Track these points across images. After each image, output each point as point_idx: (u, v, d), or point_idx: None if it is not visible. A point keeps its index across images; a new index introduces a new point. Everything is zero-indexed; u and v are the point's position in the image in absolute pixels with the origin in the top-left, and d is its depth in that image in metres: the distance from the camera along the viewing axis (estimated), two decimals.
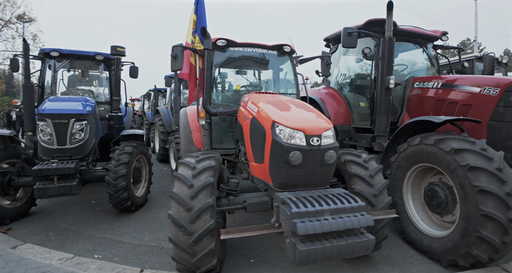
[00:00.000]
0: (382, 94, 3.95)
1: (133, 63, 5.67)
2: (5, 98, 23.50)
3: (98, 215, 4.40)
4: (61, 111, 3.81)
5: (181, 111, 4.95)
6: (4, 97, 23.19)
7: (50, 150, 3.77)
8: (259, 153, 2.89)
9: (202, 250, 2.47)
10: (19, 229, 3.87)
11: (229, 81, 4.68)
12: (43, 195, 3.42)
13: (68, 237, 3.64)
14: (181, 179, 2.62)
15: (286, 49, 4.21)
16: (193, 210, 2.46)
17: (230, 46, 4.08)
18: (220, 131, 4.15)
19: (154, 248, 3.40)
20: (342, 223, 2.22)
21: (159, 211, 4.58)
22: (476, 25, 16.74)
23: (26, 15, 19.97)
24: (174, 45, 3.67)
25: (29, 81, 4.66)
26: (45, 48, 5.21)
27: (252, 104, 3.18)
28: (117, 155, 4.21)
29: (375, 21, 4.36)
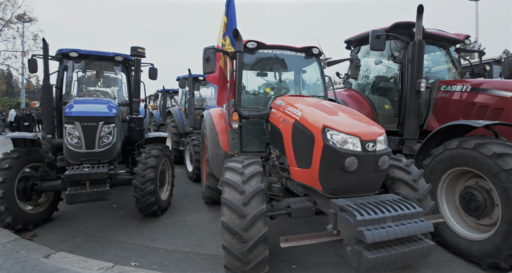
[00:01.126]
0: (412, 98, 3.89)
1: (152, 65, 5.49)
2: (5, 98, 22.84)
3: (123, 220, 4.24)
4: (90, 114, 3.63)
5: (205, 113, 4.81)
6: (4, 98, 22.54)
7: (78, 154, 3.59)
8: (304, 157, 2.79)
9: (256, 258, 2.38)
10: (44, 235, 3.69)
11: (257, 83, 4.54)
12: (75, 201, 3.25)
13: (98, 244, 3.48)
14: (232, 185, 2.52)
15: (314, 51, 4.11)
16: (247, 217, 2.37)
17: (259, 48, 3.96)
18: (248, 134, 4.02)
19: (190, 254, 3.27)
20: (405, 229, 2.16)
21: (185, 215, 4.43)
22: (476, 26, 16.92)
23: (26, 15, 19.42)
24: (206, 48, 3.54)
25: (48, 83, 4.47)
26: (63, 49, 4.99)
27: (292, 107, 3.08)
28: (144, 158, 4.06)
29: (401, 24, 4.29)
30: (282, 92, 4.30)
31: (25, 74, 19.81)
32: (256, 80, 4.67)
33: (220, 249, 3.35)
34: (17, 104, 21.25)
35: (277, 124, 3.32)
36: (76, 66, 5.23)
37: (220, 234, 3.77)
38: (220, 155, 4.28)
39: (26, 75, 20.03)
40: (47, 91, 4.47)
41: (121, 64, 5.46)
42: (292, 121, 2.98)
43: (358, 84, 5.23)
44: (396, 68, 5.00)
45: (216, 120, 4.54)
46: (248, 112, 3.64)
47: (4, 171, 3.51)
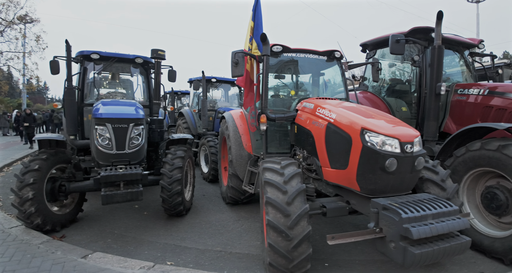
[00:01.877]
0: (432, 100, 3.97)
1: (171, 67, 5.49)
2: (7, 99, 22.48)
3: (149, 220, 4.23)
4: (121, 116, 3.63)
5: (226, 115, 4.83)
6: (6, 99, 22.17)
7: (108, 155, 3.58)
8: (339, 158, 2.85)
9: (300, 255, 2.43)
10: (72, 236, 3.67)
11: (278, 86, 4.58)
12: (110, 201, 3.24)
13: (129, 244, 3.47)
14: (274, 185, 2.57)
15: (336, 55, 4.18)
16: (291, 216, 2.43)
17: (284, 52, 4.01)
18: (271, 136, 4.06)
19: (222, 253, 3.28)
20: (446, 226, 2.27)
21: (208, 215, 4.44)
22: (477, 28, 17.20)
23: (28, 16, 19.15)
24: (235, 51, 3.57)
25: (71, 84, 4.45)
26: (84, 51, 4.96)
27: (324, 110, 3.13)
28: (171, 159, 4.06)
29: (419, 29, 4.38)
30: (304, 94, 4.35)
31: (26, 75, 19.53)
32: (273, 83, 4.70)
33: (251, 248, 3.40)
34: (19, 105, 20.95)
35: (306, 126, 3.36)
36: (96, 68, 5.20)
37: (247, 233, 3.79)
38: (244, 156, 4.31)
39: (28, 76, 19.76)
40: (70, 93, 4.44)
41: (141, 66, 5.45)
42: (325, 124, 3.03)
43: (373, 87, 5.31)
44: (409, 71, 5.10)
45: (238, 122, 4.57)
46: (275, 114, 3.68)
47: (34, 172, 3.49)
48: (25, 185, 3.40)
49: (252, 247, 3.42)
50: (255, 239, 3.62)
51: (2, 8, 17.33)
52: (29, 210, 3.40)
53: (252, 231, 3.85)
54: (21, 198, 3.38)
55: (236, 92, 8.63)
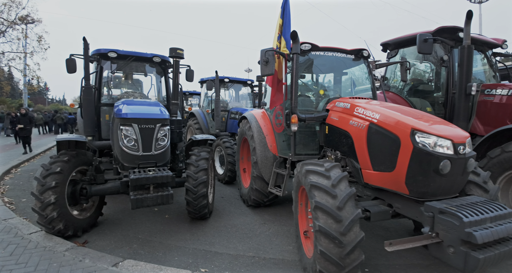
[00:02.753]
0: (461, 101, 3.83)
1: (189, 66, 5.29)
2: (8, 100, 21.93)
3: (172, 224, 4.02)
4: (148, 116, 3.42)
5: (248, 116, 4.64)
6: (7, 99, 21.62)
7: (135, 157, 3.37)
8: (384, 160, 2.69)
9: (353, 262, 2.28)
10: (95, 241, 3.44)
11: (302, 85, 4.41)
12: (140, 205, 3.03)
13: (157, 249, 3.26)
14: (322, 189, 2.39)
15: (364, 54, 4.03)
16: (343, 221, 2.27)
17: (312, 50, 3.84)
18: (300, 137, 3.88)
19: (256, 258, 3.10)
20: (505, 229, 2.20)
21: (232, 218, 4.24)
22: (480, 28, 17.22)
23: (29, 17, 18.71)
24: (265, 50, 3.39)
25: (89, 83, 4.22)
26: (101, 49, 4.74)
27: (365, 109, 2.97)
28: (195, 161, 3.86)
29: (446, 29, 4.25)
30: (332, 94, 4.19)
31: (28, 76, 19.07)
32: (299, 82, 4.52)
33: (285, 253, 3.22)
34: (20, 106, 20.45)
35: (342, 126, 3.20)
36: (109, 66, 4.98)
37: (276, 238, 3.61)
38: (269, 157, 4.13)
39: (29, 77, 19.29)
40: (88, 92, 4.22)
41: (158, 65, 5.24)
42: (367, 124, 2.87)
43: (395, 87, 5.17)
44: (429, 71, 4.97)
45: (261, 122, 4.39)
46: (305, 115, 3.51)
47: (56, 175, 3.26)
48: (47, 189, 3.17)
49: (285, 252, 3.24)
50: (286, 244, 3.44)
51: (4, 8, 16.89)
52: (51, 214, 3.17)
53: (281, 235, 3.67)
54: (43, 202, 3.15)
55: (248, 92, 8.45)
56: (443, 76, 4.48)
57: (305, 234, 2.98)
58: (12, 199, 5.02)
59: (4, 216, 3.92)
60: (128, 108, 3.50)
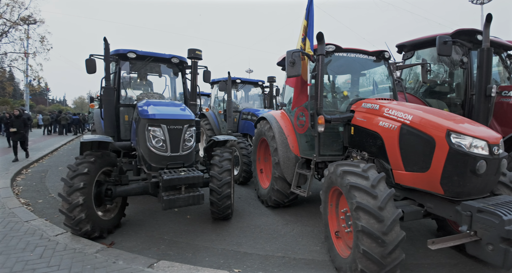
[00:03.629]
0: (481, 102, 3.84)
1: (206, 67, 5.25)
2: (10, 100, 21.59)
3: (195, 224, 3.96)
4: (176, 117, 3.37)
5: (268, 116, 4.60)
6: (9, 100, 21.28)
7: (163, 157, 3.32)
8: (417, 161, 2.69)
9: (394, 261, 2.28)
10: (121, 242, 3.38)
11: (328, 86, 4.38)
12: (172, 206, 2.98)
13: (185, 250, 3.21)
14: (363, 189, 2.38)
15: (386, 56, 4.03)
16: (385, 221, 2.26)
17: (336, 51, 3.82)
18: (323, 138, 3.85)
19: (286, 259, 3.06)
20: None
21: (253, 219, 4.20)
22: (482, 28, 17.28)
23: (31, 17, 18.47)
24: (292, 51, 3.37)
25: (109, 83, 4.17)
26: (120, 49, 4.68)
27: (396, 111, 2.96)
28: (219, 161, 3.82)
29: (464, 31, 4.27)
30: (355, 95, 4.17)
31: (31, 76, 18.80)
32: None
33: (314, 254, 3.19)
34: (22, 106, 20.16)
35: (371, 127, 3.18)
36: (125, 67, 4.92)
37: (302, 238, 3.58)
38: (291, 158, 4.10)
39: (32, 77, 19.02)
40: (108, 92, 4.16)
41: (175, 66, 5.19)
42: (399, 125, 2.86)
43: (410, 88, 5.18)
44: (442, 73, 4.99)
45: (282, 123, 4.36)
46: (330, 116, 3.49)
47: (83, 176, 3.20)
48: (75, 190, 3.10)
49: (314, 253, 3.21)
50: (313, 244, 3.41)
51: (7, 8, 16.65)
52: (78, 216, 3.10)
53: (306, 236, 3.64)
54: (71, 203, 3.08)
55: (258, 93, 8.41)
56: (460, 77, 4.49)
57: (337, 234, 2.96)
58: (28, 200, 4.92)
59: (25, 218, 3.84)
60: (155, 109, 3.45)
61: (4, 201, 4.51)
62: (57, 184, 6.00)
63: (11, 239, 3.18)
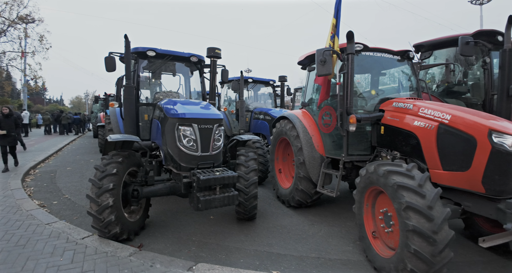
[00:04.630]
0: (503, 102, 3.81)
1: (224, 66, 5.15)
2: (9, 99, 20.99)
3: (220, 225, 3.86)
4: (207, 116, 3.26)
5: (289, 115, 4.52)
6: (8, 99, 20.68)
7: (193, 157, 3.20)
8: (457, 160, 2.66)
9: (443, 260, 2.25)
10: (149, 244, 3.26)
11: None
12: (208, 206, 2.87)
13: (217, 252, 3.11)
14: (411, 189, 2.33)
15: (410, 55, 4.00)
16: (435, 220, 2.23)
17: (364, 50, 3.77)
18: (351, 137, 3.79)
19: (321, 259, 2.99)
20: None
21: (277, 219, 4.12)
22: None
23: (29, 16, 17.99)
24: (323, 49, 3.31)
25: (130, 82, 4.03)
26: (139, 47, 4.53)
27: (432, 110, 2.93)
28: (245, 161, 3.72)
29: (484, 32, 4.26)
30: (381, 94, 4.12)
31: (29, 75, 18.32)
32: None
33: (347, 254, 3.13)
34: (19, 106, 19.63)
35: (405, 127, 3.14)
36: (143, 65, 4.78)
37: (332, 238, 3.51)
38: (317, 157, 4.03)
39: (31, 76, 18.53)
40: (129, 91, 4.02)
41: (194, 65, 5.06)
42: (436, 125, 2.82)
43: (428, 88, 5.16)
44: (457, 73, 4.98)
45: (305, 122, 4.28)
46: (360, 115, 3.43)
47: (112, 177, 3.06)
48: (104, 191, 2.97)
49: (347, 253, 3.15)
50: (344, 244, 3.35)
51: (6, 7, 16.17)
52: (108, 218, 2.97)
53: (335, 236, 3.57)
54: (100, 205, 2.95)
55: (268, 93, 8.32)
56: (478, 77, 4.49)
57: (374, 234, 2.90)
58: (42, 201, 4.73)
59: (46, 220, 3.67)
60: (184, 108, 3.33)
61: (20, 203, 4.33)
62: (69, 185, 5.82)
63: (36, 243, 3.03)
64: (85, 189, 5.54)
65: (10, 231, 3.31)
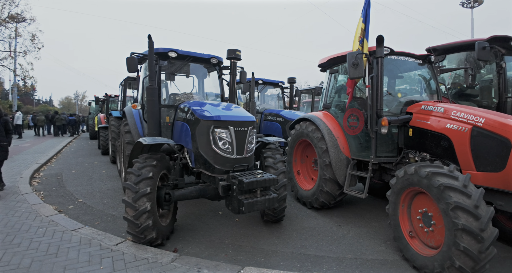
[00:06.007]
0: None
1: (242, 68, 5.10)
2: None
3: (248, 227, 3.82)
4: (242, 119, 3.22)
5: (313, 117, 4.53)
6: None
7: (229, 160, 3.15)
8: (491, 161, 2.77)
9: (487, 256, 2.35)
10: (183, 249, 3.20)
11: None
12: (251, 210, 2.83)
13: (255, 255, 3.08)
14: (458, 189, 2.43)
15: (432, 59, 4.10)
16: (482, 218, 2.31)
17: (390, 54, 3.84)
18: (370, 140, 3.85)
19: (360, 260, 3.02)
20: None
21: (303, 221, 4.12)
22: (472, 32, 18.21)
23: (20, 15, 17.26)
24: (356, 53, 3.34)
25: (154, 83, 3.94)
26: (159, 48, 4.42)
27: (465, 113, 3.01)
28: (273, 163, 3.71)
29: (498, 38, 4.42)
30: (406, 96, 4.20)
31: (20, 75, 17.56)
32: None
33: (383, 254, 3.17)
34: (10, 107, 18.77)
35: (437, 129, 3.22)
36: (169, 67, 4.68)
37: (363, 239, 3.55)
38: (343, 159, 4.06)
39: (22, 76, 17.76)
40: (153, 93, 3.93)
41: (213, 66, 5.00)
42: (470, 127, 2.91)
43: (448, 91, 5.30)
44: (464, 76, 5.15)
45: (329, 124, 4.31)
46: (390, 117, 3.49)
47: (149, 180, 2.98)
48: (141, 196, 2.89)
49: (382, 253, 3.19)
50: (376, 245, 3.39)
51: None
52: (145, 223, 2.89)
53: (365, 237, 3.60)
54: (137, 210, 2.86)
55: (276, 94, 8.32)
56: (489, 81, 4.65)
57: (411, 234, 2.95)
58: (57, 206, 4.54)
59: (70, 226, 3.53)
60: (218, 111, 3.28)
61: (37, 208, 4.14)
62: (80, 188, 5.62)
63: (68, 251, 2.90)
64: (97, 193, 5.37)
65: (35, 239, 3.15)
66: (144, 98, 4.54)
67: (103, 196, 5.18)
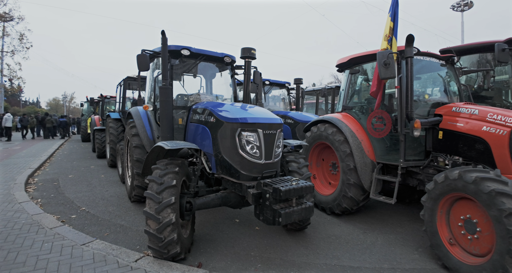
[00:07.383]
0: None
1: (256, 68, 4.87)
2: None
3: (270, 237, 3.58)
4: (270, 121, 2.98)
5: (333, 120, 4.34)
6: None
7: (256, 165, 2.91)
8: None
9: None
10: (207, 263, 2.94)
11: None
12: (289, 220, 2.59)
13: (286, 267, 2.85)
14: (511, 195, 2.25)
15: (455, 60, 4.01)
16: None
17: (416, 54, 3.71)
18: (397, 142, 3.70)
19: (398, 270, 2.84)
20: None
21: (326, 228, 3.92)
22: (462, 35, 18.63)
23: (7, 14, 16.38)
24: (387, 52, 3.18)
25: (167, 83, 3.66)
26: (171, 45, 4.14)
27: (503, 116, 2.90)
28: (298, 168, 3.49)
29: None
30: (428, 98, 4.08)
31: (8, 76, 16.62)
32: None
33: (419, 262, 3.01)
34: None
35: (472, 132, 3.09)
36: (181, 66, 4.40)
37: (394, 247, 3.38)
38: (368, 163, 3.89)
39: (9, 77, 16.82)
40: (166, 93, 3.64)
41: (225, 65, 4.75)
42: (509, 130, 2.80)
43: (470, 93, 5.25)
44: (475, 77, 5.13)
45: (351, 127, 4.14)
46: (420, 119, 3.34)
47: (172, 189, 2.70)
48: (166, 206, 2.60)
49: (417, 261, 3.02)
50: (409, 252, 3.22)
51: None
52: (170, 237, 2.61)
53: (395, 244, 3.44)
54: (161, 222, 2.57)
55: (279, 95, 8.13)
56: (503, 83, 4.62)
57: (451, 241, 2.80)
58: (59, 216, 4.16)
59: (79, 240, 3.18)
60: (243, 112, 3.03)
61: (38, 219, 3.75)
62: (80, 195, 5.22)
63: (83, 270, 2.57)
64: (100, 200, 4.99)
65: (42, 257, 2.80)
66: (157, 99, 4.24)
67: (107, 203, 4.82)
